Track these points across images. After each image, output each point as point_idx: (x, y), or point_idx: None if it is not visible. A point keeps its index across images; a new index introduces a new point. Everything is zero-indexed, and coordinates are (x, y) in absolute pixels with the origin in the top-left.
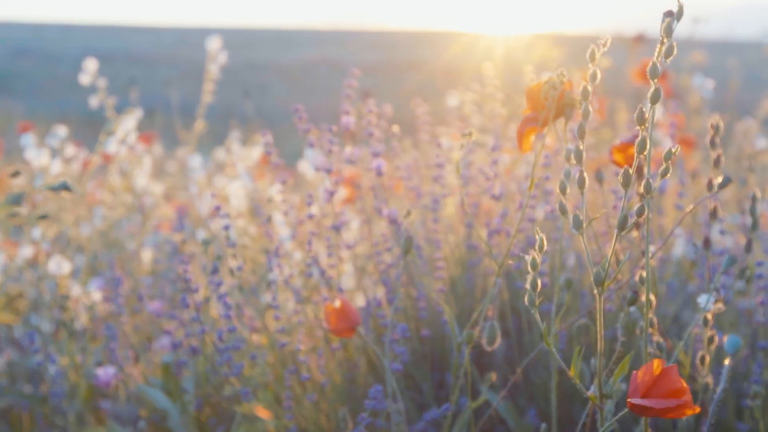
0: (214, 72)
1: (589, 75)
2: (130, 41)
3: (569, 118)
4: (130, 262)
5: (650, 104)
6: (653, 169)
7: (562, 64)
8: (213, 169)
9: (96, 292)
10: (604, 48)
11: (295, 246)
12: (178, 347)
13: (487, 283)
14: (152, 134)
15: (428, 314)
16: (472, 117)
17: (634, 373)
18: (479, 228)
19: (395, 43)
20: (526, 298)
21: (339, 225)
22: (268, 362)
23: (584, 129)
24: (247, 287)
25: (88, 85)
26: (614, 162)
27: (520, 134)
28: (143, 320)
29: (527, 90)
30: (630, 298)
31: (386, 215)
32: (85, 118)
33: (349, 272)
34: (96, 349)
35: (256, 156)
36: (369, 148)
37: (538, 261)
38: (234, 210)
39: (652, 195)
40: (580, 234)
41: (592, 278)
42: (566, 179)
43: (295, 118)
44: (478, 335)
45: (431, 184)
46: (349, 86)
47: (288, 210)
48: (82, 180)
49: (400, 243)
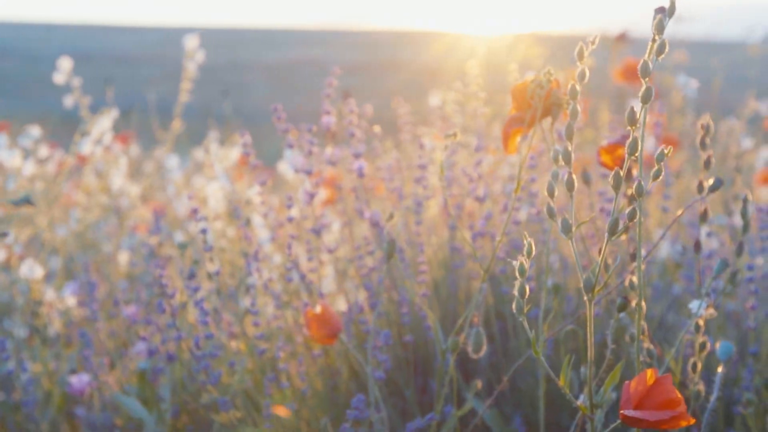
0: (192, 70)
1: (578, 74)
2: (113, 40)
3: (556, 118)
4: (106, 265)
5: (641, 104)
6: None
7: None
8: (191, 169)
9: (70, 297)
10: (592, 46)
11: (274, 248)
12: (155, 354)
13: (470, 286)
14: (130, 134)
15: (411, 319)
16: (455, 117)
17: (626, 384)
18: (463, 230)
19: (377, 43)
20: (514, 304)
21: (319, 228)
22: (247, 369)
23: (572, 129)
24: (225, 291)
25: (62, 84)
26: (602, 163)
27: (506, 135)
28: (119, 325)
29: (513, 89)
30: (620, 303)
31: (368, 218)
32: (64, 118)
33: (330, 275)
34: (70, 355)
35: (235, 157)
36: (350, 149)
37: (526, 267)
38: (212, 212)
39: (642, 198)
40: (569, 239)
41: (582, 284)
42: (554, 181)
43: (274, 118)
44: (463, 342)
45: (413, 185)
46: (329, 85)
47: (267, 212)
48: (56, 181)
49: (382, 246)
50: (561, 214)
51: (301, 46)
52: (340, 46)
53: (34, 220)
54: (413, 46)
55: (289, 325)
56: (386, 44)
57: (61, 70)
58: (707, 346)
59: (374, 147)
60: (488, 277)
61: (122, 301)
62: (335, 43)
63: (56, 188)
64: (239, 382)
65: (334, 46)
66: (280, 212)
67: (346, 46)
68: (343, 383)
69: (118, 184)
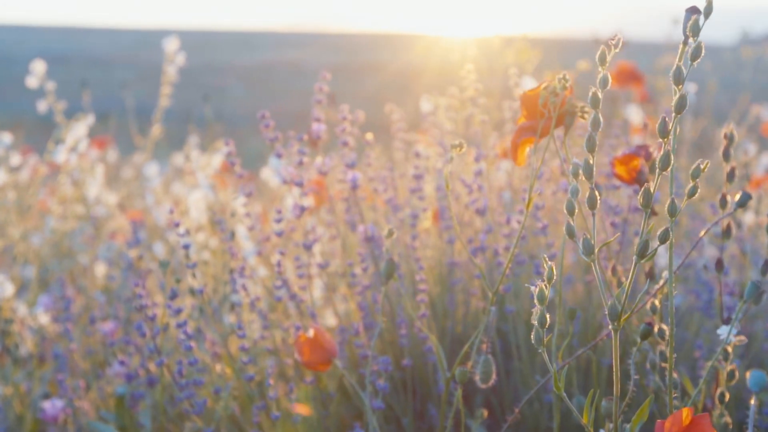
0: (171, 74)
1: (600, 80)
2: (87, 42)
3: (569, 127)
4: (81, 276)
5: (674, 113)
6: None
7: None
8: (170, 174)
9: (43, 314)
10: (616, 49)
11: (260, 261)
12: (134, 379)
13: (469, 302)
14: (107, 138)
15: (410, 341)
16: (447, 123)
17: (658, 423)
18: (461, 244)
19: (354, 45)
20: (533, 335)
21: (310, 244)
22: (233, 394)
23: (595, 141)
24: (209, 308)
25: (36, 88)
26: (616, 175)
27: (515, 145)
28: (95, 343)
29: (523, 96)
30: (643, 330)
31: (362, 232)
32: (40, 121)
33: (318, 285)
34: (44, 375)
35: (217, 163)
36: (342, 159)
37: (546, 293)
38: (194, 222)
39: (675, 217)
40: (591, 261)
41: (607, 311)
42: (574, 198)
43: (261, 126)
44: (470, 370)
45: (408, 195)
46: (320, 90)
47: (253, 225)
48: (30, 192)
49: (377, 262)
50: (581, 233)
51: (277, 48)
52: (316, 48)
53: (6, 231)
54: (391, 49)
55: (277, 345)
56: (363, 46)
57: (34, 74)
58: (736, 375)
59: (366, 155)
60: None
61: (99, 318)
62: (311, 45)
63: (30, 198)
64: (225, 408)
65: (310, 48)
66: (265, 221)
67: (322, 49)
68: (335, 406)
69: (94, 193)
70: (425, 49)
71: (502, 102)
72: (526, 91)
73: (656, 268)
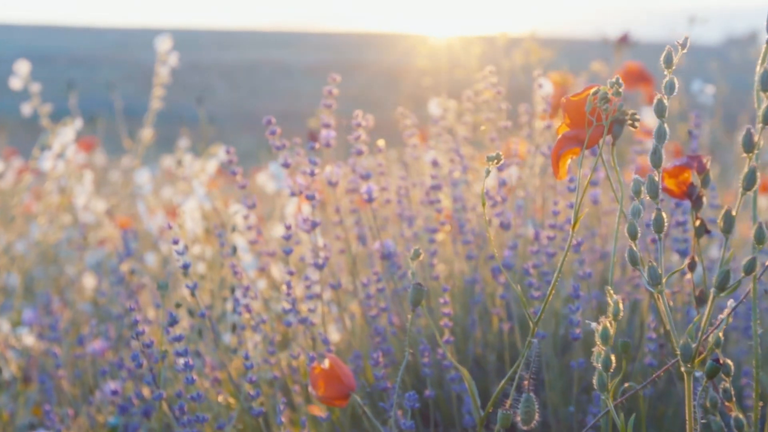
0: (164, 75)
1: (665, 85)
2: (71, 41)
3: (617, 137)
4: (69, 288)
5: (761, 124)
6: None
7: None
8: (160, 178)
9: (28, 335)
10: (682, 51)
11: (260, 274)
12: (128, 410)
13: (490, 324)
14: (93, 140)
15: (433, 370)
16: (460, 128)
17: None
18: (482, 262)
19: (339, 44)
20: (596, 380)
21: (323, 264)
22: (237, 427)
23: (661, 155)
24: (210, 333)
25: (20, 89)
26: (665, 189)
27: (556, 156)
28: (84, 365)
29: (566, 102)
30: (710, 367)
31: (378, 249)
32: (23, 122)
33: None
34: (29, 396)
35: (212, 169)
36: (357, 170)
37: (611, 332)
38: (189, 234)
39: (764, 245)
40: (658, 292)
41: (679, 352)
42: (636, 219)
43: (267, 134)
44: (509, 411)
45: (422, 207)
46: (329, 94)
47: (255, 239)
48: (14, 202)
49: (394, 280)
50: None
51: (261, 47)
52: (300, 48)
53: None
54: (377, 48)
55: (283, 371)
56: (349, 46)
57: (18, 75)
58: None
59: (379, 164)
60: (516, 314)
61: (88, 338)
62: (295, 44)
63: (14, 209)
64: None
65: (294, 47)
66: (264, 229)
67: (307, 48)
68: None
69: (83, 202)
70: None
71: (517, 105)
72: (570, 96)
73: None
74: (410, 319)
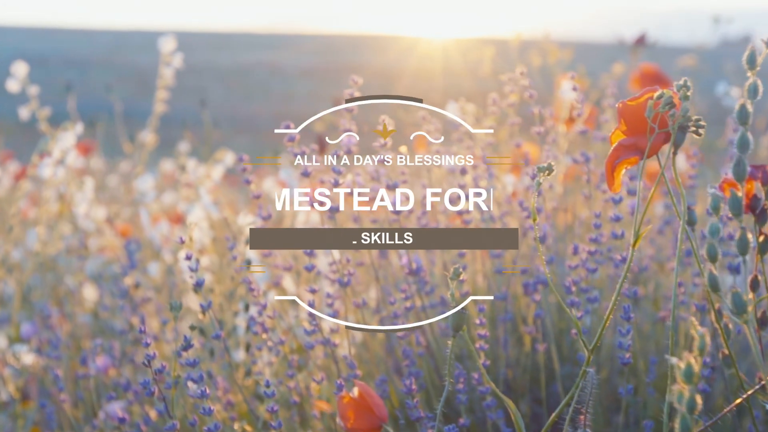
0: (168, 77)
1: (748, 88)
2: (64, 43)
3: (680, 145)
4: (69, 299)
5: None
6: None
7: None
8: (160, 181)
9: (27, 353)
10: (766, 51)
11: (270, 287)
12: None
13: (520, 343)
14: (91, 144)
15: (468, 397)
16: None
17: None
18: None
19: (332, 46)
20: (678, 424)
21: (348, 281)
22: None
23: (745, 166)
24: (228, 356)
25: (17, 92)
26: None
27: (611, 167)
28: (86, 385)
29: (622, 107)
30: None
31: (405, 264)
32: (19, 125)
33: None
34: (28, 416)
35: (218, 176)
36: (384, 181)
37: (696, 369)
38: (197, 245)
39: None
40: (743, 321)
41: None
42: (714, 238)
43: (285, 140)
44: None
45: (442, 216)
46: (349, 98)
47: (268, 253)
48: (12, 208)
49: (422, 297)
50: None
51: (255, 49)
52: (294, 50)
53: None
54: (370, 50)
55: (302, 395)
56: (342, 48)
57: (16, 77)
58: None
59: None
60: (553, 337)
61: (90, 355)
62: (289, 46)
63: (12, 219)
64: None
65: (288, 49)
66: None
67: (301, 50)
68: None
69: (83, 210)
70: (403, 50)
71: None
72: (627, 101)
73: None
74: (450, 345)
